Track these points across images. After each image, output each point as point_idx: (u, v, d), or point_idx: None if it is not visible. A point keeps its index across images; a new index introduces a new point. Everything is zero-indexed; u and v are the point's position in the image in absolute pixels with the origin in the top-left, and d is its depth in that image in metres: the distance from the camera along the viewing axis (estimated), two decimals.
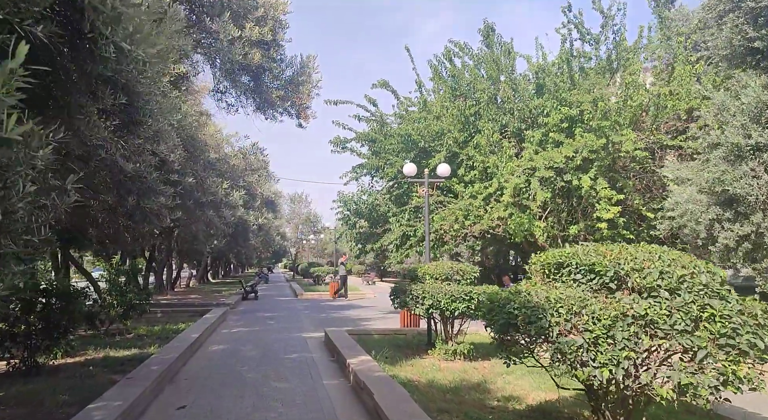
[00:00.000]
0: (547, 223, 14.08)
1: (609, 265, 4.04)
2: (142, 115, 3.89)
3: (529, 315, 4.08)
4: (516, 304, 4.26)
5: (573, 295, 4.06)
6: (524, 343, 4.41)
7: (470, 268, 9.05)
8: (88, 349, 9.84)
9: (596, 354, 3.67)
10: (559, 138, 13.52)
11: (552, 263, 4.61)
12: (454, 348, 8.82)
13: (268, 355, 9.70)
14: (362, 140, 15.87)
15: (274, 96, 7.09)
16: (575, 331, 3.87)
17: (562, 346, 3.81)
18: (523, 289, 4.52)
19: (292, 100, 7.52)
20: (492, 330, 4.72)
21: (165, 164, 5.69)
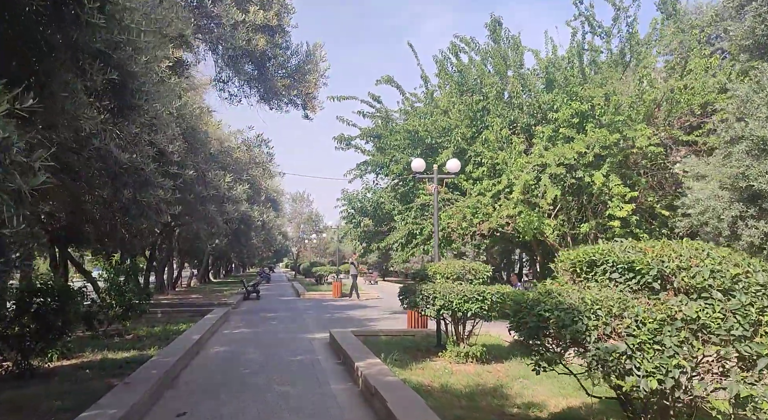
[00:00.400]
0: (557, 221, 13.69)
1: (652, 263, 3.66)
2: (137, 99, 3.53)
3: (562, 318, 3.71)
4: (547, 305, 3.88)
5: (612, 296, 3.69)
6: (555, 348, 4.03)
7: (482, 267, 8.68)
8: (85, 351, 9.49)
9: (642, 361, 3.30)
10: (570, 133, 13.14)
11: (584, 261, 4.24)
12: (466, 350, 8.46)
13: (271, 358, 9.34)
14: (367, 137, 15.49)
15: (279, 85, 6.72)
16: (615, 335, 3.50)
17: (602, 353, 3.43)
18: (553, 289, 4.14)
19: (299, 89, 7.13)
20: (519, 334, 4.34)
21: (164, 156, 5.34)
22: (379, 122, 15.39)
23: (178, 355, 8.36)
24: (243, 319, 15.78)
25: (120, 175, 4.81)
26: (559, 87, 14.10)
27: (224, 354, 9.79)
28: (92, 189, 5.07)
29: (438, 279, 8.65)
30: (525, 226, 13.29)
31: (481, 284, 8.54)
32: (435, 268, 8.75)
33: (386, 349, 9.54)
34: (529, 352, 4.40)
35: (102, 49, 2.69)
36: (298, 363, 8.89)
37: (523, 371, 7.77)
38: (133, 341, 11.00)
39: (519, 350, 9.34)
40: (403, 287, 9.07)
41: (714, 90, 12.62)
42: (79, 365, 8.53)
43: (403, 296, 8.92)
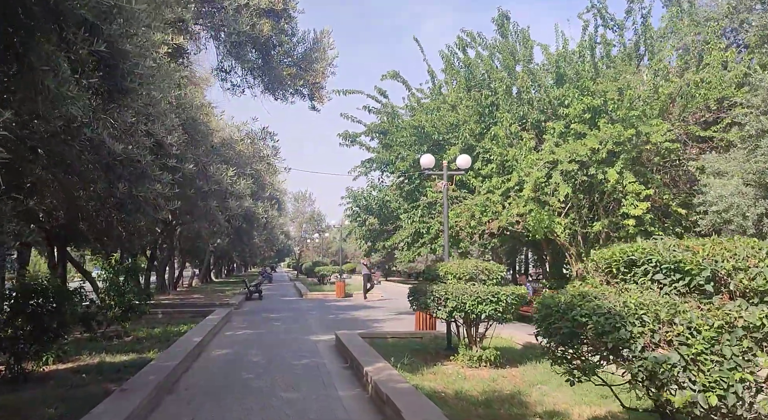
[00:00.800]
0: (568, 219, 13.31)
1: (704, 263, 3.29)
2: (130, 82, 3.18)
3: (602, 324, 3.34)
4: (584, 310, 3.51)
5: (658, 300, 3.31)
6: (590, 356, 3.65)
7: (496, 267, 8.31)
8: (82, 354, 9.14)
9: (698, 374, 2.93)
10: (582, 129, 12.75)
11: (622, 261, 3.86)
12: (479, 354, 8.09)
13: (275, 361, 8.99)
14: (372, 133, 15.11)
15: (284, 74, 6.35)
16: (664, 344, 3.12)
17: (650, 364, 3.06)
18: (588, 292, 3.77)
19: (305, 78, 6.76)
20: (548, 341, 3.96)
21: (162, 148, 4.99)
22: (384, 118, 15.02)
23: (178, 359, 8.01)
24: (245, 320, 15.44)
25: (114, 168, 4.45)
26: (570, 82, 13.71)
27: (226, 356, 9.44)
28: (85, 183, 4.72)
29: (450, 279, 8.28)
30: (535, 225, 12.91)
31: (494, 285, 8.17)
32: (446, 268, 8.38)
33: (395, 352, 9.18)
34: (559, 359, 4.02)
35: (88, 17, 2.34)
36: (302, 366, 8.54)
37: (540, 377, 7.41)
38: (133, 343, 10.66)
39: (533, 354, 8.98)
40: (412, 288, 8.70)
41: (731, 84, 12.22)
42: (76, 369, 8.19)
43: (413, 297, 8.55)
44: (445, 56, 15.90)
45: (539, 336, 4.30)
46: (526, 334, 11.48)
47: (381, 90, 14.91)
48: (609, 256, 3.99)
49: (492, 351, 8.11)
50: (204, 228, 23.79)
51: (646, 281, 3.65)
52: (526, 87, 13.82)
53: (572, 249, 14.61)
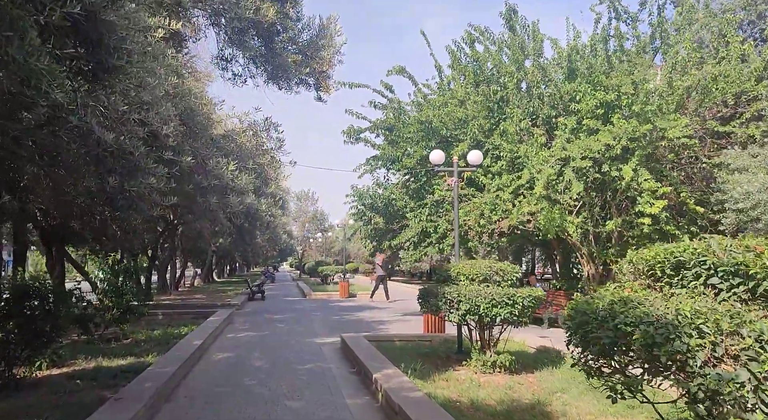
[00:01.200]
0: (580, 218, 12.88)
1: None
2: (117, 59, 2.80)
3: (651, 334, 2.94)
4: (629, 318, 3.10)
5: (716, 307, 2.90)
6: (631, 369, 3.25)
7: (511, 268, 7.91)
8: (78, 358, 8.77)
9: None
10: (595, 125, 12.32)
11: (666, 262, 3.45)
12: (493, 359, 7.69)
13: (279, 366, 8.60)
14: (378, 129, 14.70)
15: (290, 61, 5.97)
16: (728, 359, 2.71)
17: (712, 381, 2.65)
18: (630, 297, 3.36)
19: (312, 66, 6.36)
20: (582, 351, 3.56)
21: (157, 139, 4.61)
22: (390, 114, 14.61)
23: (177, 363, 7.63)
24: (248, 322, 15.06)
25: (104, 160, 4.07)
26: (582, 76, 13.29)
27: (228, 361, 9.06)
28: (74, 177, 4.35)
29: (462, 281, 7.88)
30: (546, 224, 12.50)
31: (509, 286, 7.77)
32: (459, 269, 7.98)
33: (403, 357, 8.79)
34: (595, 372, 3.61)
35: None
36: (308, 371, 8.15)
37: (559, 384, 7.01)
38: (131, 346, 10.29)
39: (548, 358, 8.58)
40: (423, 289, 8.30)
41: (750, 78, 11.79)
42: (71, 374, 7.82)
43: (424, 299, 8.15)
44: (452, 51, 15.50)
45: (572, 345, 3.89)
46: (537, 336, 11.09)
47: (387, 85, 14.52)
48: (652, 257, 3.58)
49: (506, 356, 7.71)
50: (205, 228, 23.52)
51: (698, 286, 3.24)
52: (536, 82, 13.41)
53: (583, 249, 14.19)
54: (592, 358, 3.54)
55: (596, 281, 14.59)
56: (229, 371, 8.21)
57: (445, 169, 9.96)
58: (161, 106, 4.27)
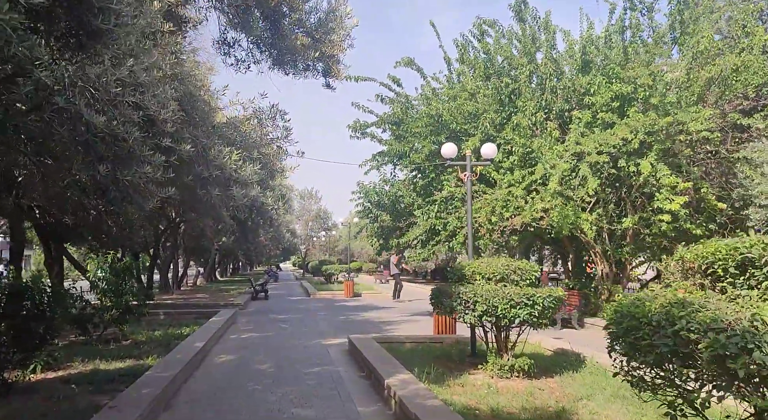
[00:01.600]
0: (595, 215, 12.45)
1: None
2: (102, 21, 2.40)
3: (723, 343, 2.51)
4: (694, 323, 2.68)
5: None
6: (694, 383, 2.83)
7: (530, 267, 7.49)
8: (74, 361, 8.38)
9: None
10: (612, 118, 11.90)
11: (731, 259, 3.02)
12: (510, 363, 7.27)
13: (284, 369, 8.21)
14: (385, 124, 14.29)
15: (297, 44, 5.56)
16: None
17: None
18: (690, 300, 2.93)
19: (321, 50, 5.93)
20: (629, 359, 3.14)
21: (154, 124, 4.21)
22: (398, 108, 14.18)
23: (178, 367, 7.25)
24: (251, 322, 14.68)
25: (94, 146, 3.68)
26: (596, 68, 12.86)
27: (231, 364, 8.66)
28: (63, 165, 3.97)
29: (478, 280, 7.46)
30: (560, 221, 12.07)
31: (527, 286, 7.35)
32: (474, 268, 7.56)
33: (414, 360, 8.39)
34: (645, 384, 3.19)
35: None
36: (315, 376, 7.75)
37: (582, 390, 6.58)
38: (131, 348, 9.90)
39: (566, 362, 8.16)
40: (435, 289, 7.89)
41: None
42: (66, 378, 7.43)
43: (436, 300, 7.74)
44: (461, 44, 15.05)
45: (615, 352, 3.47)
46: (551, 338, 10.66)
47: (395, 78, 14.09)
48: (710, 254, 3.16)
49: (525, 359, 7.28)
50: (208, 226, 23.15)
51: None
52: (549, 74, 12.97)
53: (597, 247, 13.76)
54: (644, 368, 3.12)
55: (610, 280, 14.17)
56: (233, 375, 7.81)
57: (458, 163, 9.54)
58: (158, 88, 3.88)
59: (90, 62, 3.25)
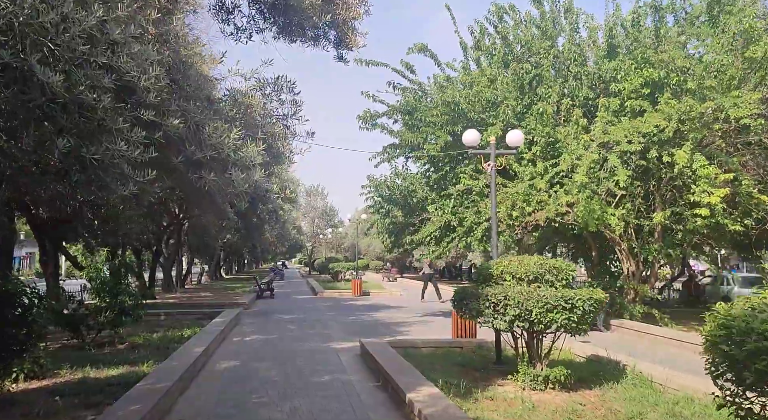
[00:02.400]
0: (623, 210, 11.60)
1: None
2: None
3: None
4: None
5: None
6: None
7: (566, 266, 6.68)
8: (62, 368, 7.66)
9: None
10: (643, 105, 11.04)
11: None
12: (545, 373, 6.48)
13: (292, 378, 7.46)
14: (398, 113, 13.48)
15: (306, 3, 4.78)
16: None
17: None
18: None
19: (334, 13, 5.13)
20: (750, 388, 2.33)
21: (132, 92, 3.42)
22: (410, 97, 13.37)
23: (174, 377, 6.50)
24: (256, 323, 13.97)
25: (51, 114, 2.94)
26: (625, 52, 12.00)
27: (233, 372, 7.92)
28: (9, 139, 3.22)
29: (508, 280, 6.67)
30: (585, 216, 11.23)
31: (563, 287, 6.55)
32: (503, 267, 6.76)
33: (434, 367, 7.63)
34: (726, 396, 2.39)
35: None
36: (326, 386, 6.99)
37: (631, 406, 5.78)
38: (126, 352, 9.20)
39: (602, 370, 7.37)
40: (459, 291, 7.10)
41: None
42: (51, 389, 6.72)
43: (460, 302, 6.95)
44: (478, 29, 14.21)
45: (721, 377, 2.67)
46: (579, 342, 9.84)
47: (408, 64, 13.27)
48: None
49: (561, 369, 6.49)
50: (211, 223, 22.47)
51: None
52: (572, 59, 12.12)
53: (623, 244, 12.92)
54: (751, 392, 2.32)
55: (636, 279, 13.33)
56: (234, 386, 7.07)
57: (480, 151, 8.74)
58: (135, 45, 3.13)
59: (47, 7, 2.53)
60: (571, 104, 11.58)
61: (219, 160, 3.74)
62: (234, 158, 3.69)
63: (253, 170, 3.69)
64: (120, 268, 9.92)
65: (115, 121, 3.16)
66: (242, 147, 3.65)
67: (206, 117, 3.78)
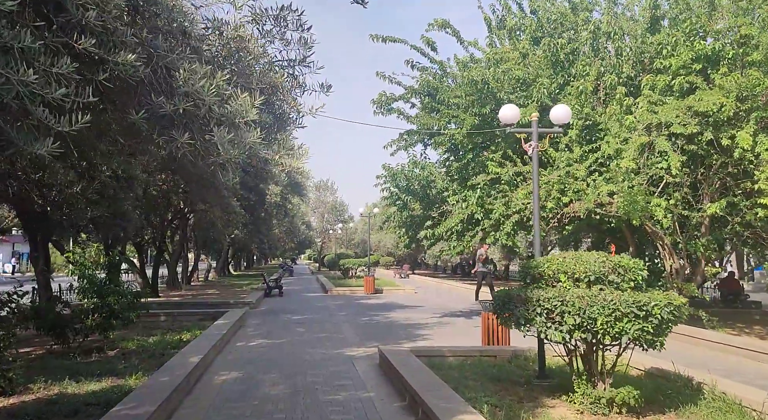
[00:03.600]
0: (672, 200, 10.36)
1: None
2: None
3: None
4: None
5: None
6: None
7: (634, 264, 5.49)
8: (36, 382, 6.62)
9: None
10: (696, 82, 9.79)
11: None
12: (609, 394, 5.31)
13: (301, 395, 6.35)
14: (417, 94, 12.29)
15: None
16: None
17: None
18: None
19: None
20: None
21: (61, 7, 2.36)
22: (430, 78, 12.17)
23: (161, 396, 5.43)
24: (263, 325, 12.91)
25: None
26: (671, 24, 10.73)
27: (233, 387, 6.83)
28: None
29: (563, 281, 5.49)
30: (627, 207, 10.00)
31: (632, 289, 5.37)
32: (557, 265, 5.58)
33: (467, 382, 6.51)
34: None
35: None
36: (341, 406, 5.88)
37: None
38: (115, 361, 8.15)
39: (670, 387, 6.18)
40: (501, 294, 5.93)
41: None
42: (16, 410, 5.67)
43: (504, 308, 5.78)
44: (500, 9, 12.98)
45: None
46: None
47: (429, 40, 12.05)
48: None
49: (629, 390, 5.31)
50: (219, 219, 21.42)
51: None
52: (614, 32, 10.86)
53: (667, 239, 11.65)
54: None
55: (681, 277, 12.06)
56: (234, 405, 5.97)
57: (522, 130, 7.56)
58: None
59: None
60: (616, 81, 10.30)
61: (197, 116, 2.65)
62: (218, 114, 2.58)
63: (245, 130, 2.60)
64: (110, 265, 8.87)
65: (18, 36, 2.06)
66: (231, 97, 2.56)
67: (181, 57, 2.68)
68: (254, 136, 2.64)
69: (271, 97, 3.05)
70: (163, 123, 2.77)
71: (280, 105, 3.23)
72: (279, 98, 3.19)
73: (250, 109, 2.62)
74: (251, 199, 23.78)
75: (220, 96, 2.64)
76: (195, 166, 3.28)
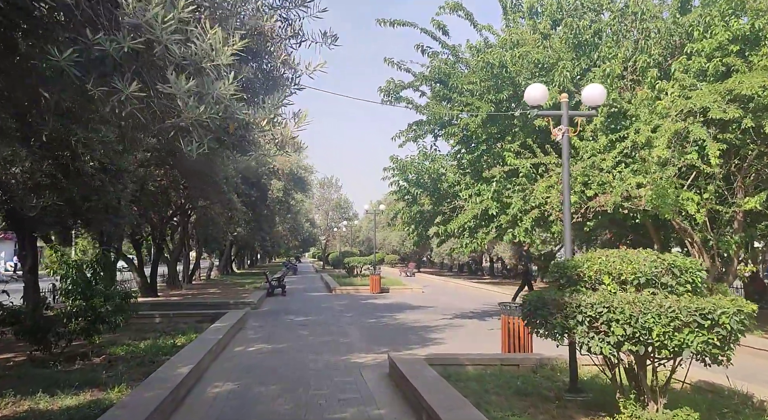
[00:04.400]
0: (707, 193, 9.53)
1: None
2: None
3: None
4: None
5: None
6: None
7: (691, 263, 4.70)
8: (7, 395, 5.90)
9: None
10: (736, 64, 8.95)
11: None
12: (665, 418, 4.52)
13: (303, 411, 5.59)
14: (428, 81, 11.49)
15: None
16: None
17: None
18: None
19: None
20: None
21: None
22: (442, 63, 11.35)
23: (145, 412, 4.69)
24: (263, 327, 12.17)
25: None
26: (705, 3, 9.88)
27: (227, 402, 6.07)
28: None
29: (607, 284, 4.70)
30: (656, 201, 9.18)
31: (690, 294, 4.58)
32: (599, 265, 4.79)
33: (488, 396, 5.75)
34: None
35: None
36: None
37: None
38: (98, 369, 7.39)
39: (725, 404, 5.40)
40: (533, 298, 5.14)
41: None
42: None
43: (535, 314, 4.98)
44: None
45: None
46: None
47: (440, 24, 11.24)
48: None
49: (688, 412, 4.52)
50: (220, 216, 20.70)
51: None
52: (642, 11, 10.03)
53: (696, 235, 10.81)
54: None
55: (712, 277, 11.20)
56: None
57: (551, 112, 6.76)
58: None
59: None
60: (649, 62, 9.46)
61: (147, 60, 1.91)
62: (178, 55, 1.83)
63: (215, 79, 1.85)
64: (95, 264, 8.14)
65: None
66: (192, 34, 1.82)
67: None
68: (227, 85, 1.88)
69: (255, 43, 2.29)
70: (102, 69, 2.03)
71: (270, 59, 2.47)
72: (267, 49, 2.42)
73: (224, 50, 1.87)
74: (253, 195, 23.10)
75: (181, 32, 1.88)
76: (147, 130, 2.50)
